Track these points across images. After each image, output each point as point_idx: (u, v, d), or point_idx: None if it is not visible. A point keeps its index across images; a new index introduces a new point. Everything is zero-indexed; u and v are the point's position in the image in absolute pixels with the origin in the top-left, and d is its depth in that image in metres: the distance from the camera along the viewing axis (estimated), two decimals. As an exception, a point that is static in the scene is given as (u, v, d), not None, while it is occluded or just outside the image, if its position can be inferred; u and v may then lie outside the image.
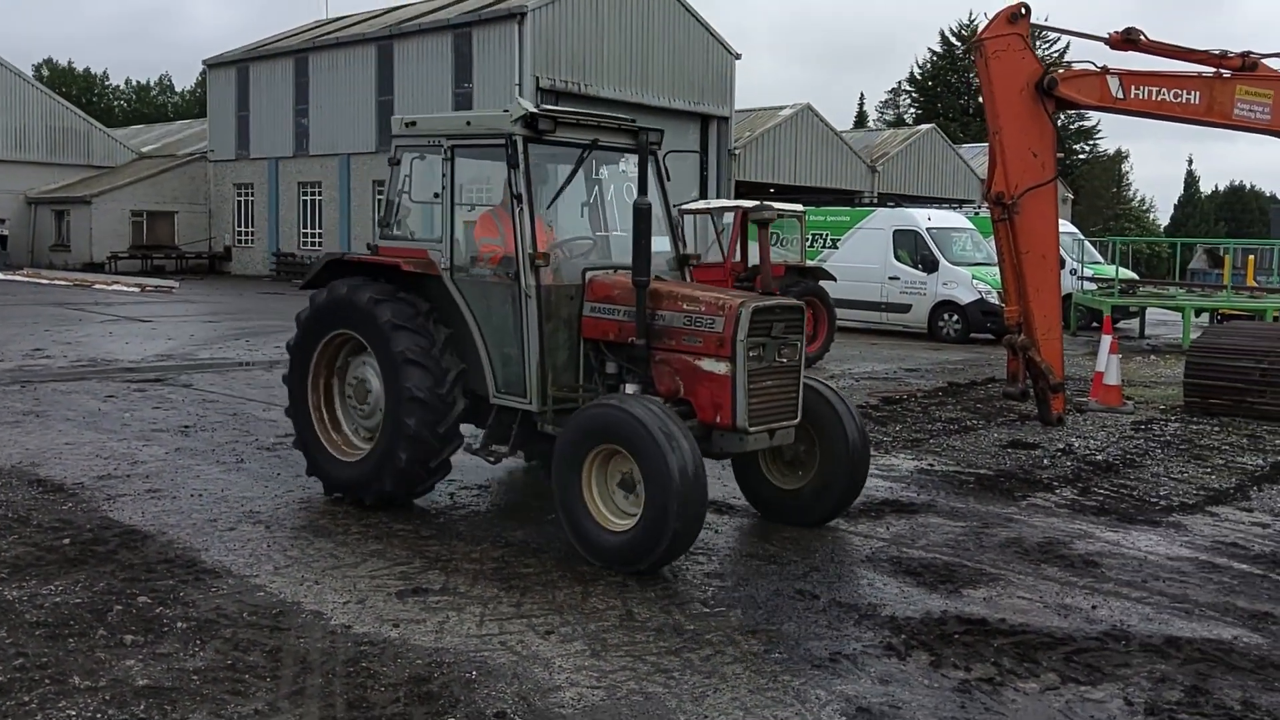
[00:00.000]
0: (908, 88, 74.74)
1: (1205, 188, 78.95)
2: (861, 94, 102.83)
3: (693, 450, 5.74)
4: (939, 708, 4.42)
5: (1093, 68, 10.24)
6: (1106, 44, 10.65)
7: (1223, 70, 10.61)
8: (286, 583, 5.79)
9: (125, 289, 30.64)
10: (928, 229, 21.90)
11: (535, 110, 6.59)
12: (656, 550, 5.75)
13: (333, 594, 5.62)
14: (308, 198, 40.96)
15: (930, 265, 21.53)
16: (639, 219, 6.15)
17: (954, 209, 26.89)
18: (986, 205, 10.26)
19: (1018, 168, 9.78)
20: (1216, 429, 11.40)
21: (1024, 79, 9.81)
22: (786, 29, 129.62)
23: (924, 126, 52.21)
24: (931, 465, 9.28)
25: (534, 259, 6.52)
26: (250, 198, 43.23)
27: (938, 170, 49.12)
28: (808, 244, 20.58)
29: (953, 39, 70.75)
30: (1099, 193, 69.81)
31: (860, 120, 76.25)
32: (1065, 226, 27.07)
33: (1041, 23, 11.38)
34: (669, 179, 7.41)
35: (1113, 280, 22.84)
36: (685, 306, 6.37)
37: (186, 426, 10.17)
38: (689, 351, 6.32)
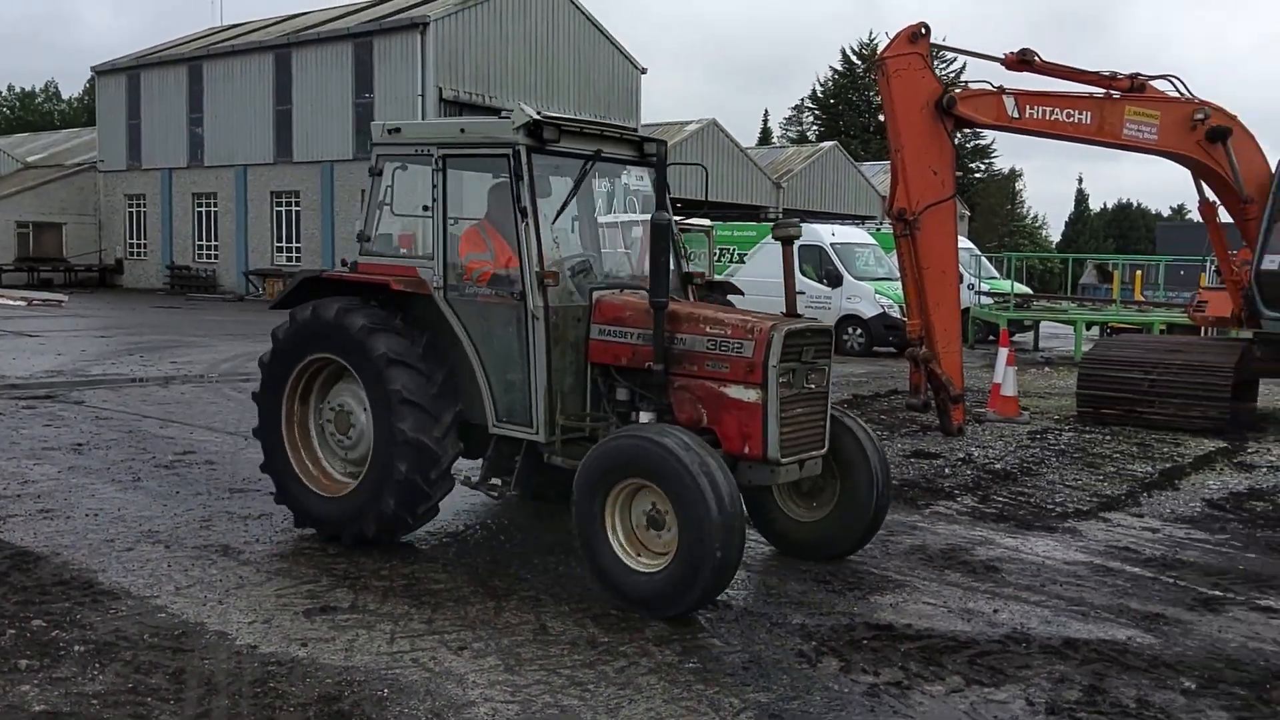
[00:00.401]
0: (810, 105, 76.11)
1: (1094, 205, 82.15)
2: (766, 110, 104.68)
3: (729, 484, 5.37)
4: (849, 712, 4.53)
5: (990, 88, 10.63)
6: (1003, 64, 11.07)
7: (1112, 91, 11.10)
8: (189, 603, 5.64)
9: (10, 303, 29.43)
10: (831, 244, 22.36)
11: (539, 117, 6.17)
12: (693, 592, 5.34)
13: (238, 614, 5.50)
14: (203, 209, 39.96)
15: (834, 280, 21.98)
16: (659, 235, 5.78)
17: (857, 225, 27.52)
18: (889, 221, 10.52)
19: (918, 185, 10.05)
20: (1108, 438, 11.88)
21: (924, 98, 10.11)
22: (691, 45, 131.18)
23: (826, 144, 53.32)
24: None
25: (542, 278, 6.07)
26: (142, 209, 41.98)
27: (840, 187, 50.17)
28: (716, 258, 20.83)
29: (854, 57, 72.27)
30: (995, 210, 72.01)
31: (765, 137, 77.39)
32: (963, 243, 27.90)
33: (941, 43, 11.77)
34: (669, 191, 7.01)
35: (1008, 295, 23.62)
36: (709, 329, 5.95)
37: (79, 444, 9.84)
38: (713, 378, 5.92)
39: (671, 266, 6.67)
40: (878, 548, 7.13)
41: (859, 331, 21.73)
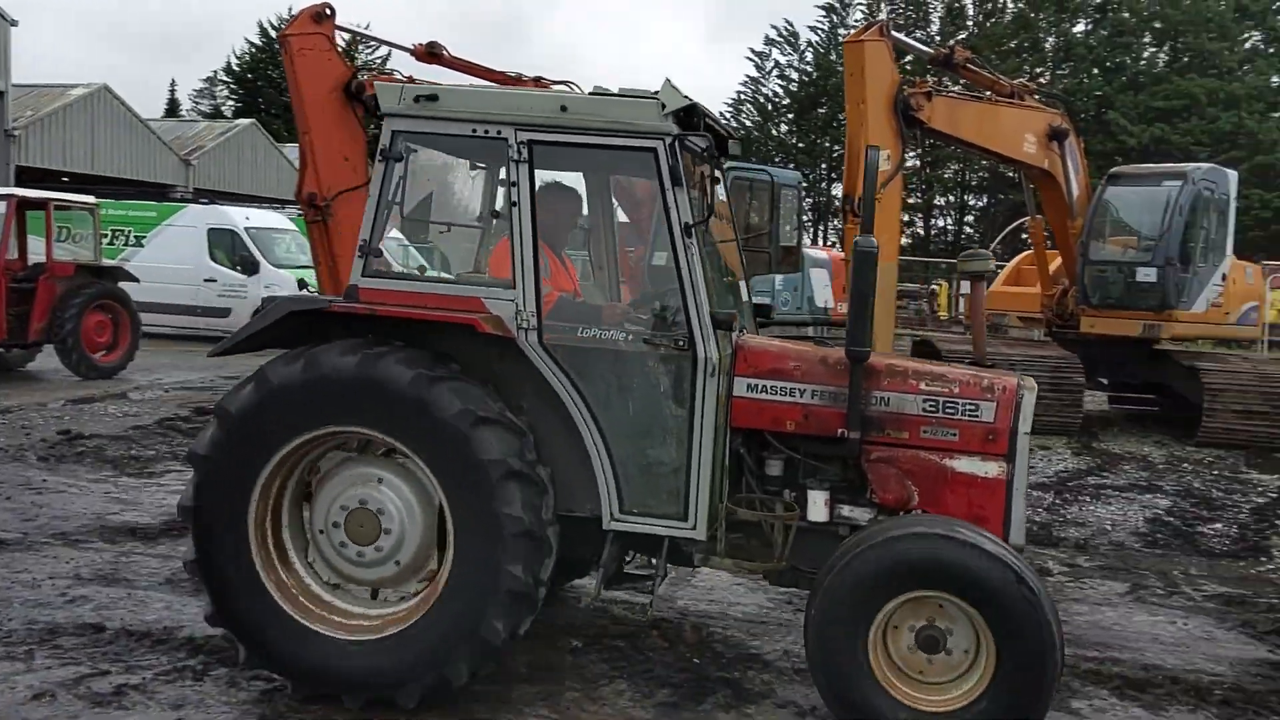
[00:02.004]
0: (225, 79, 72.77)
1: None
2: (173, 80, 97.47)
3: (1050, 594, 4.43)
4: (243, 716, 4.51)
5: (400, 77, 10.96)
6: (412, 55, 11.48)
7: (518, 91, 12.02)
8: None
9: None
10: (246, 229, 21.65)
11: (692, 100, 4.75)
12: None
13: None
14: None
15: (251, 267, 21.26)
16: (862, 264, 4.56)
17: (277, 209, 26.88)
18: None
19: (329, 170, 10.10)
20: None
21: (332, 80, 10.15)
22: (84, 4, 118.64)
23: (244, 121, 51.33)
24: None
25: (728, 321, 4.73)
26: None
27: (259, 168, 48.58)
28: (106, 241, 19.20)
29: (272, 32, 70.37)
30: (426, 201, 74.38)
31: (172, 109, 72.57)
32: (393, 232, 28.46)
33: (349, 27, 11.91)
34: (728, 200, 5.67)
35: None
36: (925, 386, 4.88)
37: None
38: (933, 447, 4.85)
39: (742, 295, 5.47)
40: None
41: (279, 323, 21.27)
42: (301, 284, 21.19)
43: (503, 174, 4.94)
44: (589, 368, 4.79)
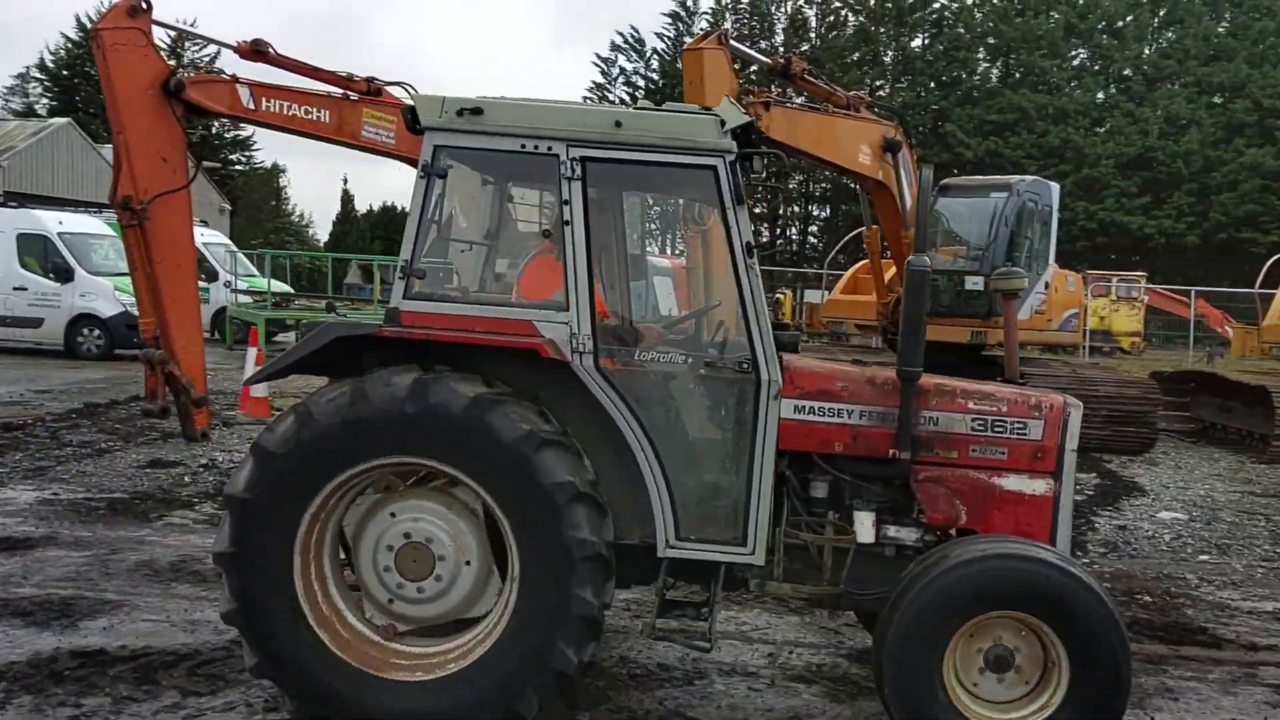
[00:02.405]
0: (39, 75, 69.37)
1: (360, 207, 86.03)
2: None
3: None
4: (41, 751, 4.32)
5: (225, 75, 10.69)
6: (236, 52, 11.21)
7: (350, 93, 11.85)
8: None
9: None
10: (60, 234, 20.74)
11: (752, 118, 4.65)
12: None
13: None
14: None
15: (65, 275, 20.37)
16: (917, 283, 4.58)
17: (94, 213, 25.78)
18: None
19: (145, 171, 9.77)
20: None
21: (148, 78, 9.83)
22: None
23: (59, 120, 48.99)
24: (57, 494, 8.87)
25: (793, 343, 4.76)
26: None
27: (76, 169, 46.43)
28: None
29: (90, 27, 67.36)
30: (259, 205, 72.18)
31: (-20, 105, 68.67)
32: (218, 238, 27.65)
33: (169, 23, 11.56)
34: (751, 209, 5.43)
35: (266, 293, 23.95)
36: (974, 405, 4.92)
37: None
38: (982, 466, 4.91)
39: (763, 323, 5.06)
40: (96, 569, 6.83)
41: (97, 332, 20.46)
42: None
43: (513, 191, 5.10)
44: (645, 391, 4.74)
